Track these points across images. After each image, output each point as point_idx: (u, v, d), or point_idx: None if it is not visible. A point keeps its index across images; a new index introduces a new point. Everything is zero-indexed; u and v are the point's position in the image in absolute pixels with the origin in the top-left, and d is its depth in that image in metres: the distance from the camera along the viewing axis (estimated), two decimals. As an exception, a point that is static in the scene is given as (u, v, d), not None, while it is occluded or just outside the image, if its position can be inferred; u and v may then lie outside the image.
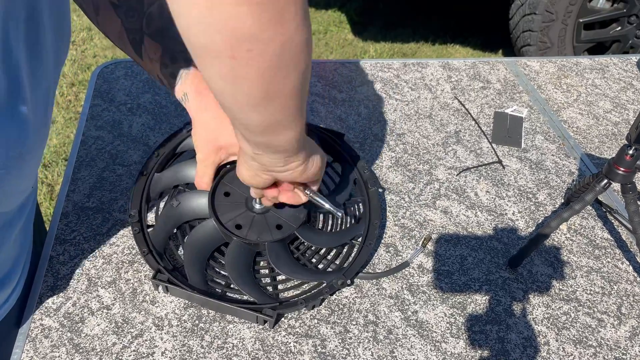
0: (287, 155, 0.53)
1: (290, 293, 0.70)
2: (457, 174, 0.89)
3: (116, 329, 0.64)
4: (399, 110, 1.01)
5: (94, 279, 0.69)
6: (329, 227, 0.77)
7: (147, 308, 0.66)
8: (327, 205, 0.64)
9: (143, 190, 0.73)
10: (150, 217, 0.76)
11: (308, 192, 0.63)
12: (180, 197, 0.73)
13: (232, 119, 0.48)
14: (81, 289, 0.68)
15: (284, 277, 0.71)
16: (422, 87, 1.07)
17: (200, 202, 0.72)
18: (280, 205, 0.70)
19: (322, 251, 0.74)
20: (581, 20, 2.37)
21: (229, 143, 0.70)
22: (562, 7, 2.33)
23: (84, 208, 0.77)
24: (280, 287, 0.70)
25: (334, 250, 0.74)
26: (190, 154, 0.78)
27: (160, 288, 0.67)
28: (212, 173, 0.72)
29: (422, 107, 1.02)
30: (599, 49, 2.52)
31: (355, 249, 0.74)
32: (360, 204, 0.78)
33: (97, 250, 0.72)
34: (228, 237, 0.70)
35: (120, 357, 0.61)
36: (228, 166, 0.74)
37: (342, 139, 0.81)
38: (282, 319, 0.67)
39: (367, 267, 0.74)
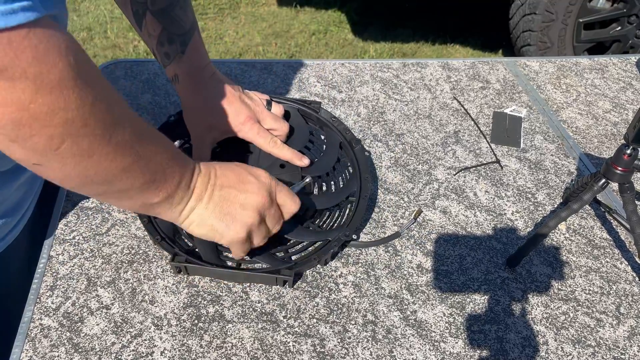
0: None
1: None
2: (455, 173, 0.89)
3: (115, 329, 0.64)
4: (399, 111, 1.01)
5: (93, 278, 0.69)
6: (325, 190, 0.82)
7: (147, 308, 0.67)
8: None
9: None
10: None
11: None
12: None
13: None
14: (80, 288, 0.68)
15: (296, 248, 0.74)
16: (422, 87, 1.08)
17: None
18: (279, 177, 0.74)
19: (324, 216, 0.78)
20: (581, 20, 2.38)
21: (221, 122, 0.72)
22: (562, 7, 2.33)
23: (84, 208, 0.77)
24: (293, 253, 0.74)
25: (335, 213, 0.78)
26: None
27: (180, 271, 0.70)
28: (209, 152, 0.74)
29: (422, 107, 1.03)
30: (599, 49, 2.52)
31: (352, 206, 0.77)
32: (349, 167, 0.83)
33: (96, 250, 0.72)
34: None
35: (120, 357, 0.62)
36: (218, 149, 0.78)
37: (319, 107, 0.86)
38: (282, 318, 0.67)
39: (365, 264, 0.74)
